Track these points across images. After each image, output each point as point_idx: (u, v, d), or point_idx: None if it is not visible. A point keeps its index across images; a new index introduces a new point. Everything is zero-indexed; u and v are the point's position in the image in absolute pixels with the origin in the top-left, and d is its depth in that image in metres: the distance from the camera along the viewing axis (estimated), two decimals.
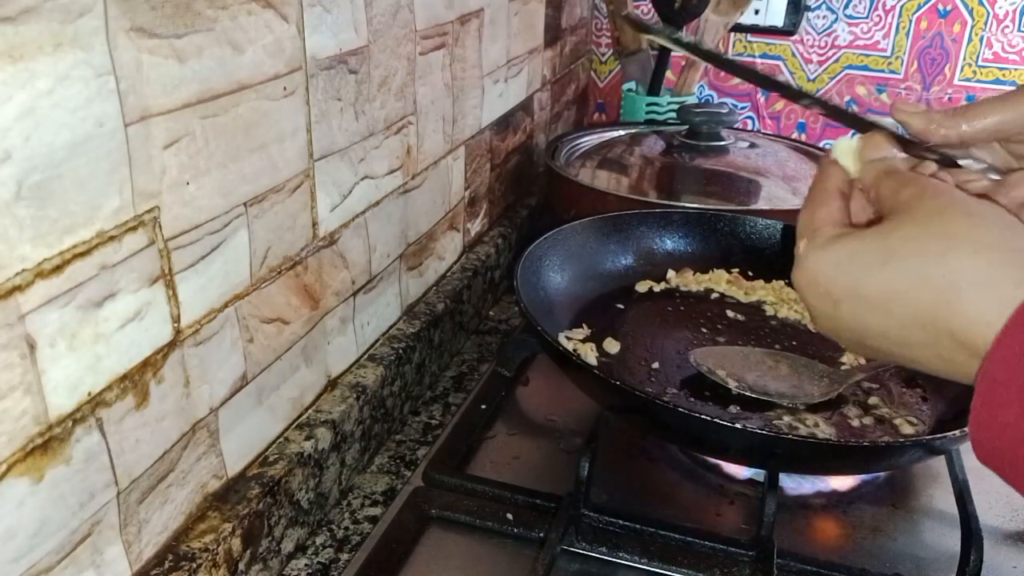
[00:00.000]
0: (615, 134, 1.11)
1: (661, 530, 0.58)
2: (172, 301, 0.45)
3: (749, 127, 1.31)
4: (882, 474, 0.67)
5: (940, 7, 1.18)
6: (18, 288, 0.35)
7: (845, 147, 0.46)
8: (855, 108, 1.26)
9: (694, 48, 0.53)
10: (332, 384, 0.65)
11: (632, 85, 1.24)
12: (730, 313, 0.78)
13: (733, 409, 0.64)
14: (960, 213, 0.38)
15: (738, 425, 0.55)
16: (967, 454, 0.65)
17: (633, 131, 1.12)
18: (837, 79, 1.25)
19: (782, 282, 0.81)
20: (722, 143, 1.02)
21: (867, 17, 1.21)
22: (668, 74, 1.21)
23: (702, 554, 0.56)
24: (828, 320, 0.42)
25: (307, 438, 0.59)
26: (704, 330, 0.75)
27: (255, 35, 0.48)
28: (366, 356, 0.70)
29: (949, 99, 1.21)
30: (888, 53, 1.22)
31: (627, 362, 0.70)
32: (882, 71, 1.23)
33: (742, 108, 1.31)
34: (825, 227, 0.43)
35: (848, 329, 0.42)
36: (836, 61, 1.25)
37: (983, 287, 0.36)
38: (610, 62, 1.35)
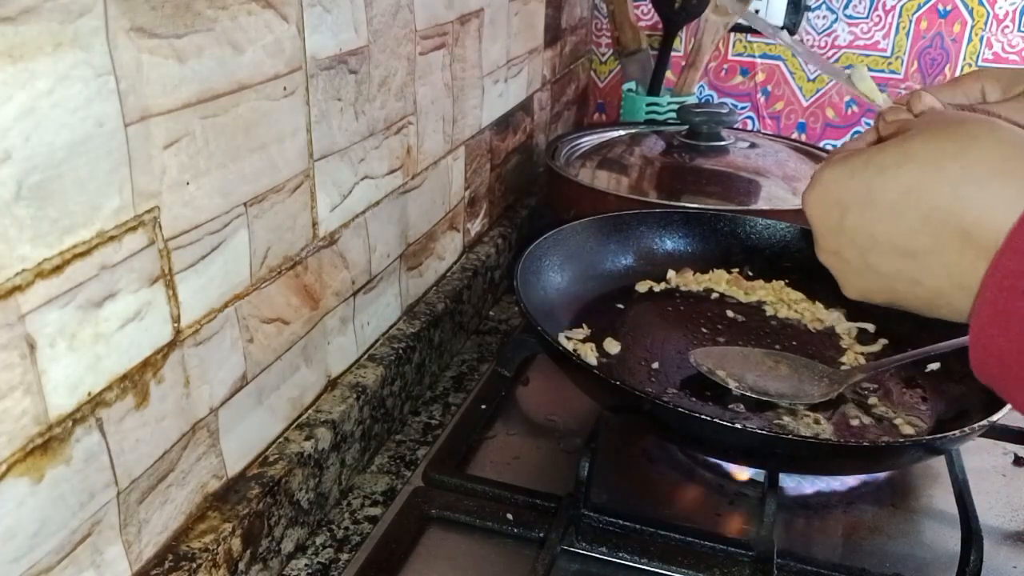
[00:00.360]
0: (615, 134, 1.11)
1: (661, 530, 0.58)
2: (172, 301, 0.45)
3: (749, 127, 1.31)
4: (882, 474, 0.67)
5: (940, 7, 1.18)
6: (18, 288, 0.35)
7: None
8: (854, 109, 1.26)
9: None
10: (332, 384, 0.65)
11: (632, 85, 1.24)
12: (730, 313, 0.78)
13: (733, 409, 0.64)
14: (979, 120, 0.38)
15: (738, 425, 0.55)
16: (967, 454, 0.65)
17: (633, 131, 1.12)
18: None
19: (782, 282, 0.81)
20: (722, 143, 1.02)
21: (867, 17, 1.21)
22: (668, 74, 1.22)
23: (702, 554, 0.56)
24: (832, 237, 0.42)
25: (307, 438, 0.59)
26: (704, 330, 0.75)
27: (255, 35, 0.48)
28: (366, 356, 0.70)
29: None
30: (888, 53, 1.22)
31: (627, 362, 0.70)
32: (882, 71, 1.23)
33: (742, 108, 1.31)
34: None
35: (852, 244, 0.41)
36: (836, 61, 1.25)
37: (1000, 182, 0.35)
38: (610, 62, 1.35)
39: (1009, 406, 0.55)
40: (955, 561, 0.56)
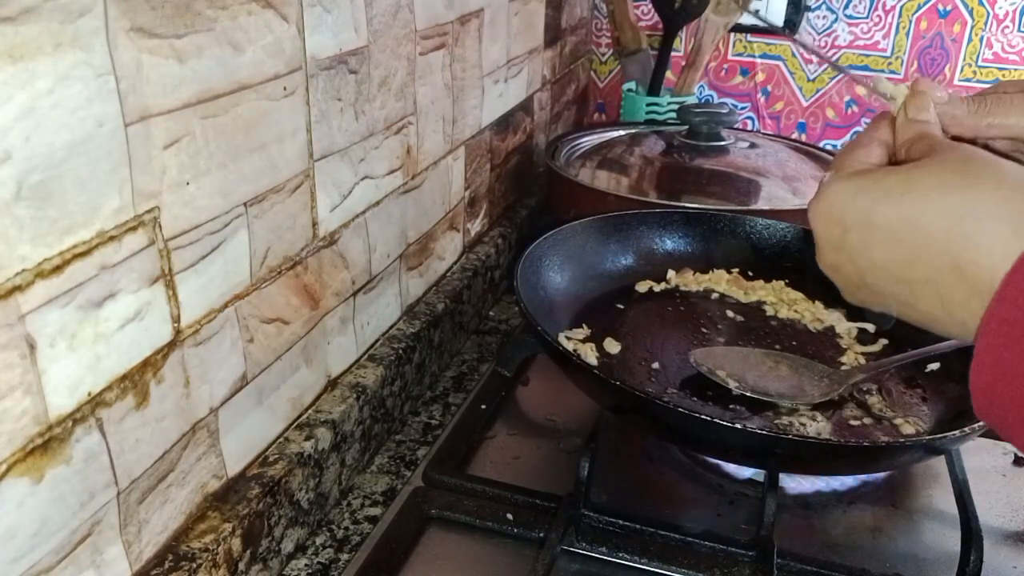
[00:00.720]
0: (615, 134, 1.11)
1: (661, 530, 0.58)
2: (172, 301, 0.45)
3: (749, 127, 1.31)
4: (882, 474, 0.67)
5: (940, 7, 1.18)
6: (18, 288, 0.35)
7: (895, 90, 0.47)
8: (854, 109, 1.26)
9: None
10: (332, 384, 0.65)
11: (632, 85, 1.24)
12: (730, 313, 0.78)
13: (733, 409, 0.64)
14: (986, 159, 0.39)
15: (738, 425, 0.55)
16: (967, 454, 0.65)
17: (633, 131, 1.12)
18: (837, 79, 1.25)
19: (782, 282, 0.81)
20: (722, 143, 1.02)
21: (867, 17, 1.21)
22: (668, 74, 1.21)
23: (702, 554, 0.56)
24: (833, 253, 0.43)
25: (307, 438, 0.59)
26: (704, 330, 0.75)
27: (255, 35, 0.48)
28: (366, 356, 0.70)
29: None
30: (888, 53, 1.22)
31: (627, 362, 0.70)
32: (882, 71, 1.23)
33: (742, 108, 1.31)
34: (856, 164, 0.43)
35: (851, 262, 0.42)
36: (836, 61, 1.25)
37: (998, 220, 0.35)
38: (610, 62, 1.35)
39: None
40: (955, 561, 0.56)
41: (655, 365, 0.69)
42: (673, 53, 1.23)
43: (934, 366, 0.68)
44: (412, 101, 0.71)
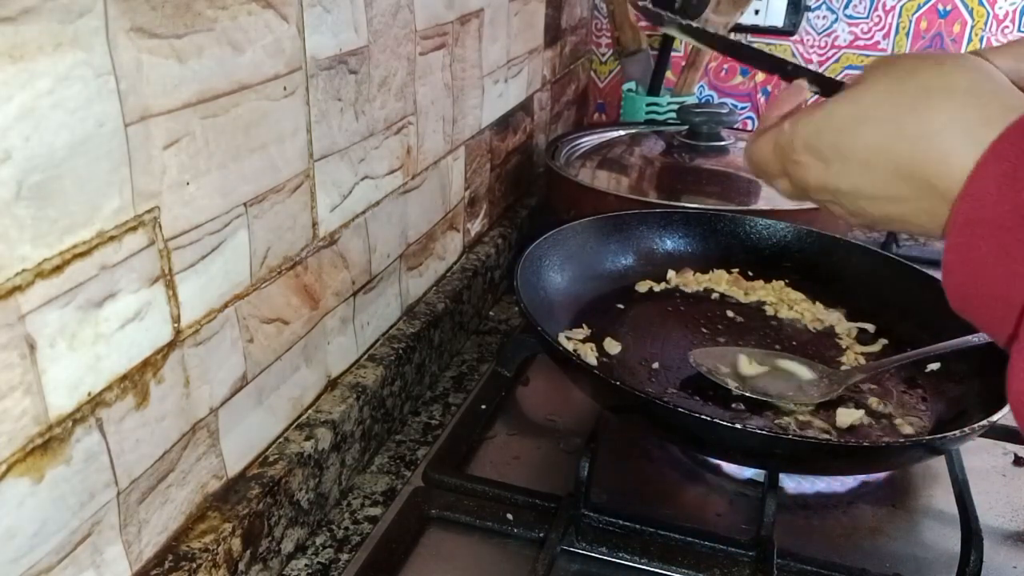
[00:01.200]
0: (615, 134, 1.11)
1: (661, 530, 0.58)
2: (172, 301, 0.45)
3: (749, 127, 1.31)
4: (882, 474, 0.67)
5: (940, 7, 1.18)
6: (18, 288, 0.35)
7: None
8: None
9: (702, 34, 0.53)
10: (332, 384, 0.65)
11: (632, 85, 1.25)
12: (730, 313, 0.78)
13: (733, 409, 0.64)
14: (932, 64, 0.40)
15: (738, 425, 0.55)
16: (967, 454, 0.65)
17: (633, 131, 1.12)
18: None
19: (782, 282, 0.81)
20: (722, 143, 1.02)
21: (867, 17, 1.21)
22: (668, 74, 1.22)
23: (702, 554, 0.56)
24: (824, 182, 0.44)
25: (307, 438, 0.59)
26: (704, 330, 0.75)
27: (255, 35, 0.48)
28: (366, 356, 0.70)
29: None
30: (888, 53, 1.22)
31: (627, 362, 0.70)
32: None
33: (742, 108, 1.31)
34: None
35: (844, 191, 0.43)
36: (836, 61, 1.25)
37: (956, 130, 0.37)
38: (610, 62, 1.35)
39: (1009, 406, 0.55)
40: (955, 561, 0.56)
41: (655, 365, 0.69)
42: (673, 53, 1.23)
43: (934, 366, 0.68)
44: (412, 101, 0.71)
